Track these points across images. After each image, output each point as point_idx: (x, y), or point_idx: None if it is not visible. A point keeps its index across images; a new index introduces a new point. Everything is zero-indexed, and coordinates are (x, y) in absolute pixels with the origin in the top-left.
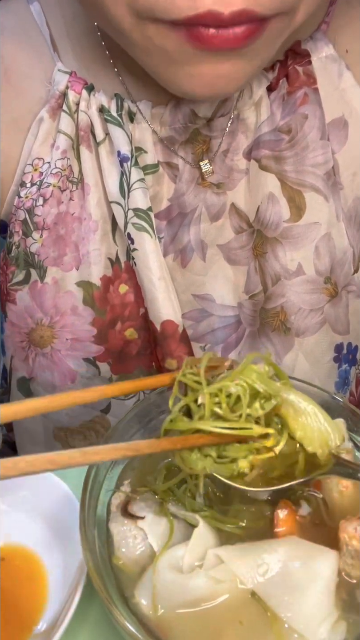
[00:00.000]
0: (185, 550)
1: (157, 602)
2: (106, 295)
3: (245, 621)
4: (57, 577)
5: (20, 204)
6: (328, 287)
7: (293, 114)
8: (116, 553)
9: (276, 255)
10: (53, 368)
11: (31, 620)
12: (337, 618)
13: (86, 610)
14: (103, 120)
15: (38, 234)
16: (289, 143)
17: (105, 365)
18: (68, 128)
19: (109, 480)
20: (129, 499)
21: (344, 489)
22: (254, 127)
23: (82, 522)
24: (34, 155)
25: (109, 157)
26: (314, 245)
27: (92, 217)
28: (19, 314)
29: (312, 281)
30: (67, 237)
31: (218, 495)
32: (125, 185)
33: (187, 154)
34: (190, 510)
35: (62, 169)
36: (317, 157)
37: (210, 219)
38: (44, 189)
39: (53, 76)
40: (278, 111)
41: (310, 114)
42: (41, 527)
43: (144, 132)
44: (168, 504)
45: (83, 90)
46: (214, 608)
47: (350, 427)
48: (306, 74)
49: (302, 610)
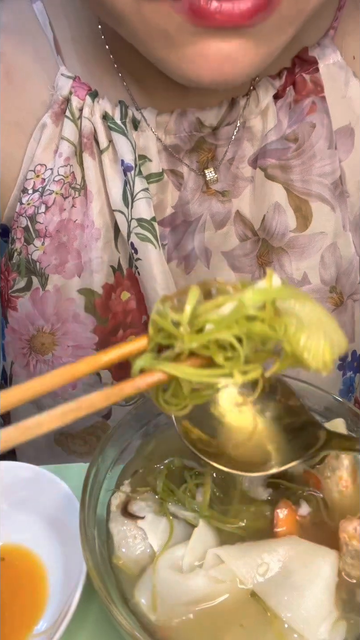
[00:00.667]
0: (185, 550)
1: (157, 602)
2: (108, 302)
3: (245, 621)
4: (57, 577)
5: (22, 211)
6: (333, 296)
7: (300, 122)
8: (116, 553)
9: (282, 265)
10: None
11: (31, 620)
12: (337, 618)
13: (86, 610)
14: (106, 128)
15: (40, 241)
16: (295, 152)
17: (106, 372)
18: (71, 135)
19: (109, 480)
20: (129, 499)
21: (344, 489)
22: (260, 135)
23: (82, 522)
24: (36, 161)
25: (112, 166)
26: (320, 255)
27: (94, 225)
28: (20, 320)
29: (317, 290)
30: (69, 245)
31: (218, 495)
32: (129, 194)
33: (192, 162)
34: (190, 510)
35: (65, 176)
36: (325, 166)
37: (215, 226)
38: (47, 196)
39: (56, 80)
40: (285, 119)
41: (317, 122)
42: (41, 527)
43: (148, 140)
44: (168, 504)
45: (87, 97)
46: (213, 608)
47: (350, 427)
48: (313, 81)
49: (302, 610)
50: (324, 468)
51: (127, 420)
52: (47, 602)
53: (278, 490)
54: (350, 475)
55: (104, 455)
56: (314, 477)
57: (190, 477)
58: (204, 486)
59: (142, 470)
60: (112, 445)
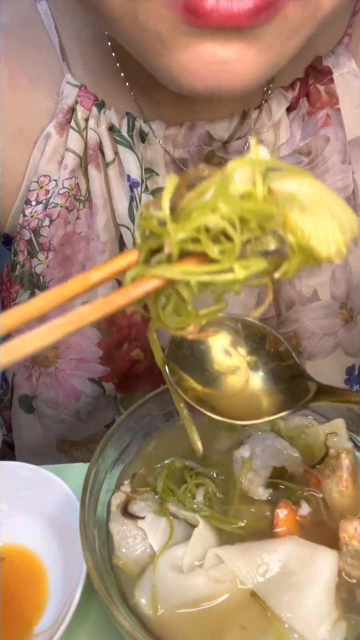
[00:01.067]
0: (185, 550)
1: (157, 601)
2: (112, 316)
3: (245, 621)
4: (57, 577)
5: (25, 223)
6: (343, 312)
7: (314, 135)
8: (116, 553)
9: (291, 282)
10: (57, 387)
11: (31, 620)
12: (337, 618)
13: (86, 610)
14: (113, 140)
15: (44, 255)
16: (308, 165)
17: (110, 385)
18: (76, 146)
19: (109, 480)
20: (129, 499)
21: (344, 489)
22: (272, 149)
23: (82, 522)
24: (40, 172)
25: (118, 180)
26: (331, 272)
27: (100, 239)
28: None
29: (327, 306)
30: (73, 257)
31: (218, 495)
32: (135, 210)
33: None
34: (190, 510)
35: (70, 188)
36: (337, 182)
37: None
38: (51, 209)
39: (61, 88)
40: (298, 132)
41: (332, 136)
42: (41, 527)
43: (156, 153)
44: (168, 504)
45: (93, 107)
46: (213, 608)
47: (350, 427)
48: (328, 93)
49: (302, 610)
50: (324, 468)
51: (127, 421)
52: (47, 602)
53: (278, 490)
54: (350, 475)
55: (104, 456)
56: (314, 477)
57: (190, 477)
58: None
59: (142, 470)
60: (112, 446)
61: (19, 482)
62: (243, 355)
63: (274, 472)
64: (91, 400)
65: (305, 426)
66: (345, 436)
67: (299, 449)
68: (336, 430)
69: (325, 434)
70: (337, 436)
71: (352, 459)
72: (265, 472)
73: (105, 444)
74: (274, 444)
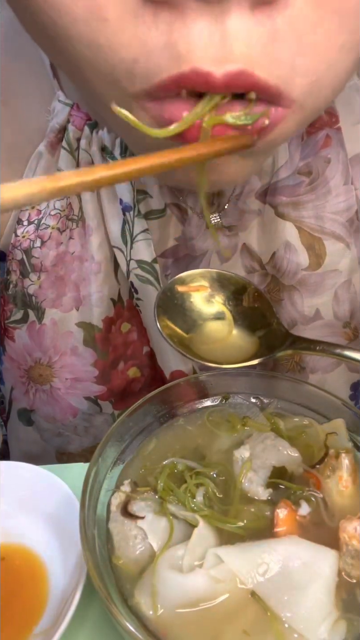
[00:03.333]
0: (185, 550)
1: (157, 601)
2: (108, 335)
3: (245, 621)
4: (57, 577)
5: (17, 243)
6: (347, 331)
7: (314, 156)
8: (116, 553)
9: (293, 303)
10: (54, 404)
11: (31, 620)
12: (337, 618)
13: (86, 610)
14: (105, 161)
15: (36, 275)
16: (309, 186)
17: (106, 403)
18: (68, 166)
19: (109, 480)
20: (129, 499)
21: (344, 489)
22: (270, 170)
23: (82, 522)
24: None
25: (110, 201)
26: (333, 292)
27: (94, 259)
28: (17, 351)
29: (330, 325)
30: (66, 277)
31: (218, 495)
32: (128, 234)
33: (196, 200)
34: (190, 510)
35: (62, 209)
36: (340, 203)
37: (221, 259)
38: (42, 230)
39: (53, 105)
40: (297, 153)
41: (333, 157)
42: (41, 527)
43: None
44: (168, 504)
45: (85, 127)
46: (213, 608)
47: (350, 428)
48: (328, 112)
49: (302, 610)
50: (324, 468)
51: (126, 421)
52: (47, 602)
53: (278, 490)
54: (350, 475)
55: (104, 455)
56: (314, 477)
57: (190, 477)
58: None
59: (142, 470)
60: (112, 445)
61: (19, 482)
62: (225, 305)
63: (274, 472)
64: (88, 417)
65: (305, 426)
66: (345, 436)
67: (299, 449)
68: (336, 430)
69: (325, 434)
70: (337, 436)
71: (352, 459)
72: (265, 472)
73: (105, 444)
74: (274, 444)
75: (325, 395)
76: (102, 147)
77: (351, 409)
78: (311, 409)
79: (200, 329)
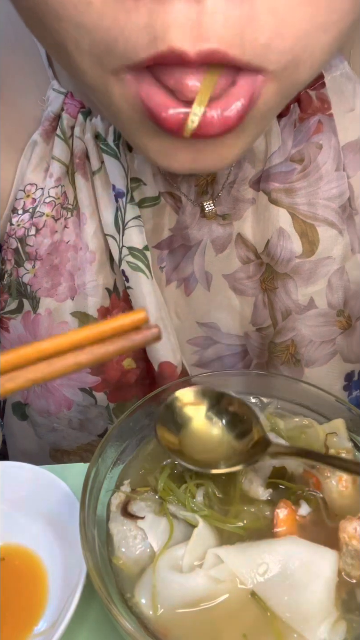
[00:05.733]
0: (185, 550)
1: (157, 601)
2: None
3: (245, 621)
4: (57, 577)
5: (12, 232)
6: (341, 319)
7: (306, 142)
8: (116, 553)
9: (287, 291)
10: (48, 396)
11: (31, 620)
12: (337, 618)
13: (86, 610)
14: (99, 149)
15: (30, 264)
16: (301, 173)
17: (101, 395)
18: (62, 154)
19: (109, 480)
20: (129, 499)
21: (343, 489)
22: (263, 157)
23: (82, 522)
24: (26, 181)
25: (104, 189)
26: (327, 280)
27: (88, 248)
28: (12, 342)
29: (324, 314)
30: (61, 267)
31: (218, 495)
32: (120, 221)
33: (191, 186)
34: (190, 510)
35: (56, 197)
36: (332, 189)
37: (216, 250)
38: (37, 218)
39: (47, 95)
40: (289, 139)
41: (325, 143)
42: (41, 527)
43: (143, 163)
44: (168, 504)
45: (79, 115)
46: (213, 608)
47: (350, 427)
48: (320, 98)
49: (301, 610)
50: (324, 468)
51: (127, 421)
52: (47, 602)
53: (278, 490)
54: (350, 475)
55: (104, 456)
56: (314, 477)
57: (190, 477)
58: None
59: (142, 471)
60: (112, 446)
61: (19, 482)
62: (217, 421)
63: (274, 472)
64: (82, 410)
65: (305, 426)
66: (345, 436)
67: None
68: (336, 430)
69: (325, 434)
70: (337, 436)
71: (352, 459)
72: (265, 472)
73: (105, 444)
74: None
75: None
76: (96, 134)
77: (351, 408)
78: (311, 409)
79: (194, 440)
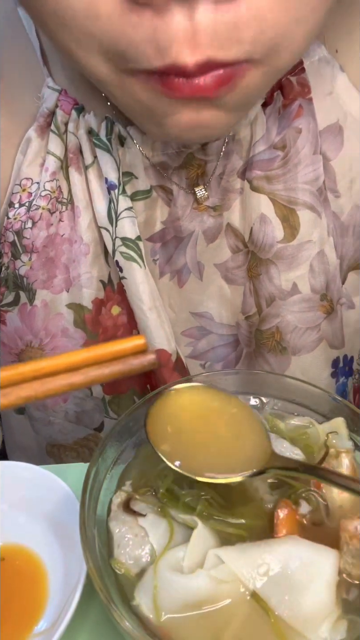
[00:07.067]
0: (185, 552)
1: (158, 602)
2: (98, 317)
3: (246, 621)
4: (57, 577)
5: (9, 225)
6: (324, 304)
7: (288, 127)
8: (116, 553)
9: (270, 277)
10: None
11: (31, 620)
12: (338, 617)
13: (86, 610)
14: (92, 144)
15: (27, 256)
16: (282, 160)
17: (97, 386)
18: (57, 149)
19: (109, 480)
20: (131, 497)
21: None
22: (249, 147)
23: (82, 522)
24: (22, 176)
25: (97, 182)
26: (309, 264)
27: (83, 240)
28: (9, 335)
29: (307, 300)
30: (56, 259)
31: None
32: (113, 212)
33: (182, 178)
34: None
35: (52, 191)
36: (309, 173)
37: (207, 240)
38: (33, 211)
39: (42, 92)
40: (274, 127)
41: (304, 127)
42: (41, 527)
43: (134, 157)
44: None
45: (72, 111)
46: (214, 609)
47: (350, 427)
48: (300, 83)
49: (302, 610)
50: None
51: (127, 421)
52: (47, 602)
53: (278, 490)
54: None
55: (104, 456)
56: None
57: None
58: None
59: (143, 471)
60: (112, 445)
61: (19, 482)
62: (217, 424)
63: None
64: (79, 402)
65: (305, 426)
66: (346, 436)
67: (299, 449)
68: (336, 430)
69: (325, 433)
70: (337, 436)
71: (352, 459)
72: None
73: (105, 444)
74: (275, 444)
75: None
76: (89, 130)
77: (351, 408)
78: (311, 409)
79: (185, 438)
